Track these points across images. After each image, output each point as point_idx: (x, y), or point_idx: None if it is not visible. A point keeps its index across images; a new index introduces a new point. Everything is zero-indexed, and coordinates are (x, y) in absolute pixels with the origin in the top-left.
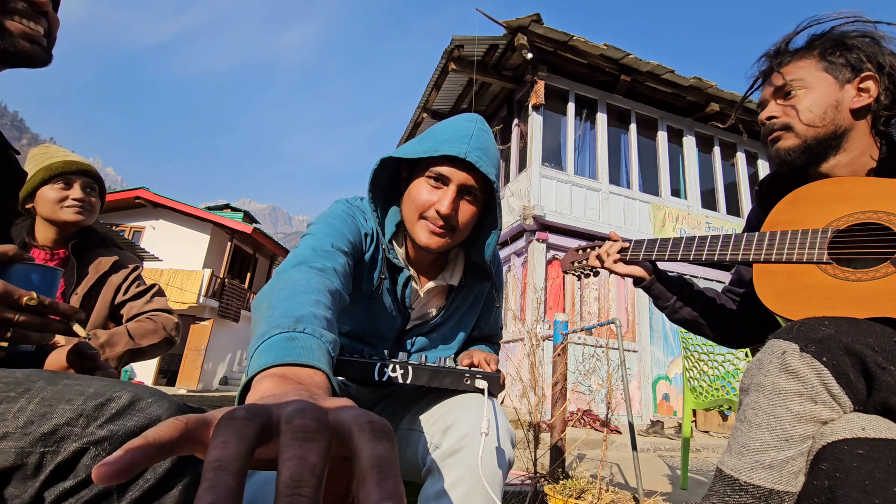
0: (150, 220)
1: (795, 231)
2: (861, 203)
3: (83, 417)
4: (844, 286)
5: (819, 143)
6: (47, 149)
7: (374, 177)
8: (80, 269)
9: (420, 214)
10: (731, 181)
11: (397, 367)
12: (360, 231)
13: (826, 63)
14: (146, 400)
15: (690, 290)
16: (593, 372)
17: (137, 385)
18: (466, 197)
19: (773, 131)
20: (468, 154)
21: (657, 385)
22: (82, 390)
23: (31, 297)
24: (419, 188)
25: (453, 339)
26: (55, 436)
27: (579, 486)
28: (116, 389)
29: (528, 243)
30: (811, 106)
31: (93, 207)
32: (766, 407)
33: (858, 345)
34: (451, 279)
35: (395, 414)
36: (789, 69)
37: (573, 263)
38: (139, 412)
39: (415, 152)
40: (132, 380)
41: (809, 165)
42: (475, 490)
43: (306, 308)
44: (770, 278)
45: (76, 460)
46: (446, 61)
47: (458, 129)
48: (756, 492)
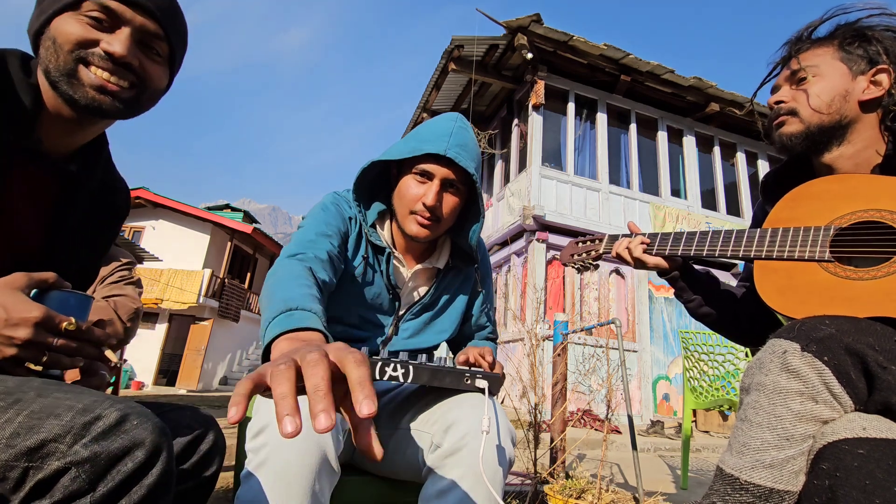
0: (150, 220)
1: (797, 228)
2: (864, 201)
3: (70, 434)
4: (845, 284)
5: (822, 131)
6: None
7: (362, 175)
8: None
9: (410, 210)
10: (731, 181)
11: (398, 367)
12: (345, 216)
13: (843, 52)
14: (132, 421)
15: (717, 287)
16: (593, 372)
17: (127, 401)
18: (449, 189)
19: (778, 115)
20: (448, 151)
21: (657, 385)
22: (72, 405)
23: (70, 322)
24: (407, 185)
25: (446, 323)
26: (40, 451)
27: (579, 486)
28: (106, 406)
29: (528, 243)
30: (820, 92)
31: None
32: (767, 406)
33: (859, 344)
34: (437, 262)
35: (396, 413)
36: (806, 56)
37: (573, 256)
38: (124, 434)
39: (401, 153)
40: (132, 380)
41: (812, 154)
42: (476, 489)
43: (295, 291)
44: (771, 275)
45: (55, 479)
46: (446, 61)
47: (439, 128)
48: (756, 490)
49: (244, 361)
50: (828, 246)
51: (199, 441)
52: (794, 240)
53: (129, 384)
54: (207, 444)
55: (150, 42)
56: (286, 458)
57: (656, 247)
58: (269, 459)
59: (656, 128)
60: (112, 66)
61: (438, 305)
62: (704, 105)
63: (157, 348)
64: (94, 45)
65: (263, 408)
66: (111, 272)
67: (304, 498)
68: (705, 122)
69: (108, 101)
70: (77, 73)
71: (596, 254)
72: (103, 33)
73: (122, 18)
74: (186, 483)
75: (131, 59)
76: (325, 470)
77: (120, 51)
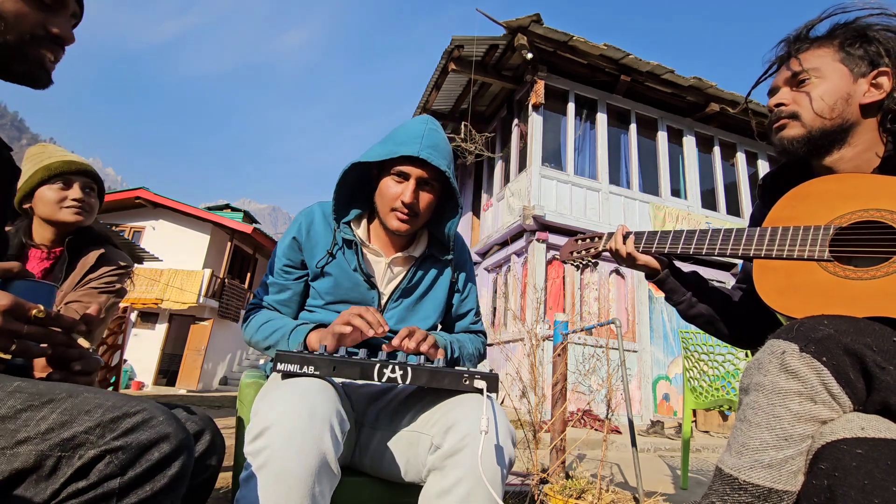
0: (150, 220)
1: (797, 227)
2: (864, 201)
3: (100, 427)
4: (845, 284)
5: (824, 135)
6: (45, 148)
7: (344, 176)
8: (69, 266)
9: (391, 208)
10: (731, 181)
11: (396, 368)
12: (300, 231)
13: (844, 54)
14: (158, 419)
15: (706, 287)
16: (593, 372)
17: (151, 403)
18: (425, 187)
19: (779, 118)
20: (420, 152)
21: (657, 385)
22: (101, 403)
23: (39, 309)
24: (387, 185)
25: (429, 310)
26: (73, 442)
27: (579, 486)
28: (133, 405)
29: (528, 243)
30: (822, 95)
31: (92, 208)
32: (766, 406)
33: (858, 344)
34: (414, 252)
35: (395, 414)
36: (806, 56)
37: (572, 253)
38: (151, 428)
39: (378, 155)
40: (132, 380)
41: (812, 157)
42: (476, 489)
43: (283, 321)
44: (770, 275)
45: (92, 465)
46: (446, 61)
47: (412, 131)
48: (755, 490)
49: (244, 362)
50: (827, 245)
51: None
52: (794, 239)
53: (129, 384)
54: (204, 444)
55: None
56: (286, 460)
57: (655, 244)
58: (269, 462)
59: (656, 128)
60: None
61: (418, 292)
62: (704, 105)
63: (157, 348)
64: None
65: (262, 410)
66: (100, 275)
67: (304, 500)
68: (705, 122)
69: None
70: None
71: (595, 251)
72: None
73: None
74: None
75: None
76: (324, 472)
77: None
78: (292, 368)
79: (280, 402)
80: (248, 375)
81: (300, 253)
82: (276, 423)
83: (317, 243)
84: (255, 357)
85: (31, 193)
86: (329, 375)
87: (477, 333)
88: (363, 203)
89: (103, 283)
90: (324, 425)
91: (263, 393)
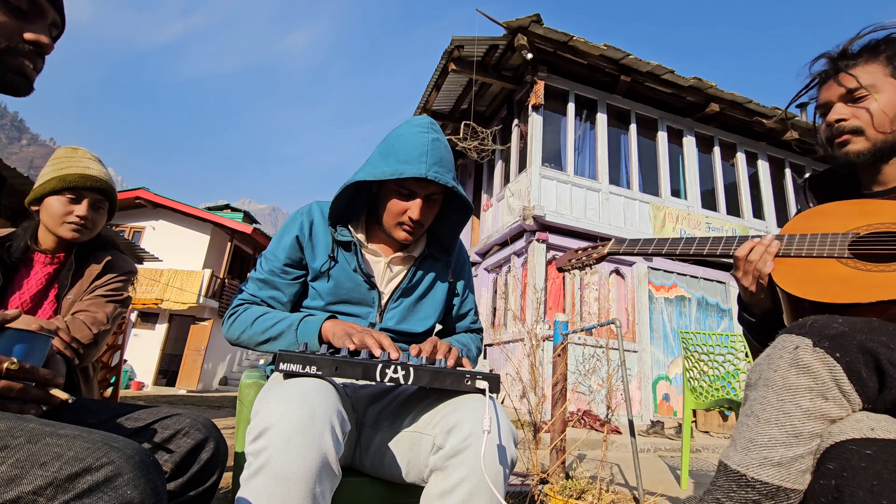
0: (150, 220)
1: (815, 234)
2: (881, 217)
3: (52, 487)
4: (863, 275)
5: (889, 147)
6: (74, 152)
7: (344, 189)
8: (76, 273)
9: (398, 222)
10: (731, 181)
11: (398, 369)
12: (302, 230)
13: (892, 68)
14: (124, 477)
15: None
16: (593, 372)
17: (128, 447)
18: (431, 201)
19: (841, 133)
20: (428, 173)
21: (657, 385)
22: (61, 453)
23: (11, 362)
24: (393, 201)
25: (429, 310)
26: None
27: (579, 487)
28: (99, 457)
29: (528, 243)
30: (885, 109)
31: (95, 225)
32: (776, 402)
33: (872, 342)
34: (413, 251)
35: (397, 415)
36: (858, 72)
37: (570, 261)
38: (112, 492)
39: (383, 174)
40: (132, 380)
41: (873, 164)
42: (479, 489)
43: (283, 314)
44: (790, 268)
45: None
46: (446, 62)
47: (415, 145)
48: (763, 488)
49: (244, 362)
50: (846, 247)
51: (199, 449)
52: (813, 242)
53: (129, 384)
54: (208, 452)
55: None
56: (286, 460)
57: (672, 249)
58: (270, 463)
59: (656, 128)
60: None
61: (418, 291)
62: (704, 105)
63: (156, 348)
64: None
65: (263, 410)
66: (104, 283)
67: (304, 501)
68: (705, 123)
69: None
70: None
71: (598, 256)
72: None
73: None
74: (187, 493)
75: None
76: (325, 472)
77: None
78: (294, 368)
79: (280, 402)
80: (248, 376)
81: (301, 252)
82: (277, 423)
83: (318, 243)
84: (255, 357)
85: (41, 199)
86: (331, 375)
87: (476, 332)
88: (361, 206)
89: (109, 289)
90: (324, 425)
91: (264, 393)
